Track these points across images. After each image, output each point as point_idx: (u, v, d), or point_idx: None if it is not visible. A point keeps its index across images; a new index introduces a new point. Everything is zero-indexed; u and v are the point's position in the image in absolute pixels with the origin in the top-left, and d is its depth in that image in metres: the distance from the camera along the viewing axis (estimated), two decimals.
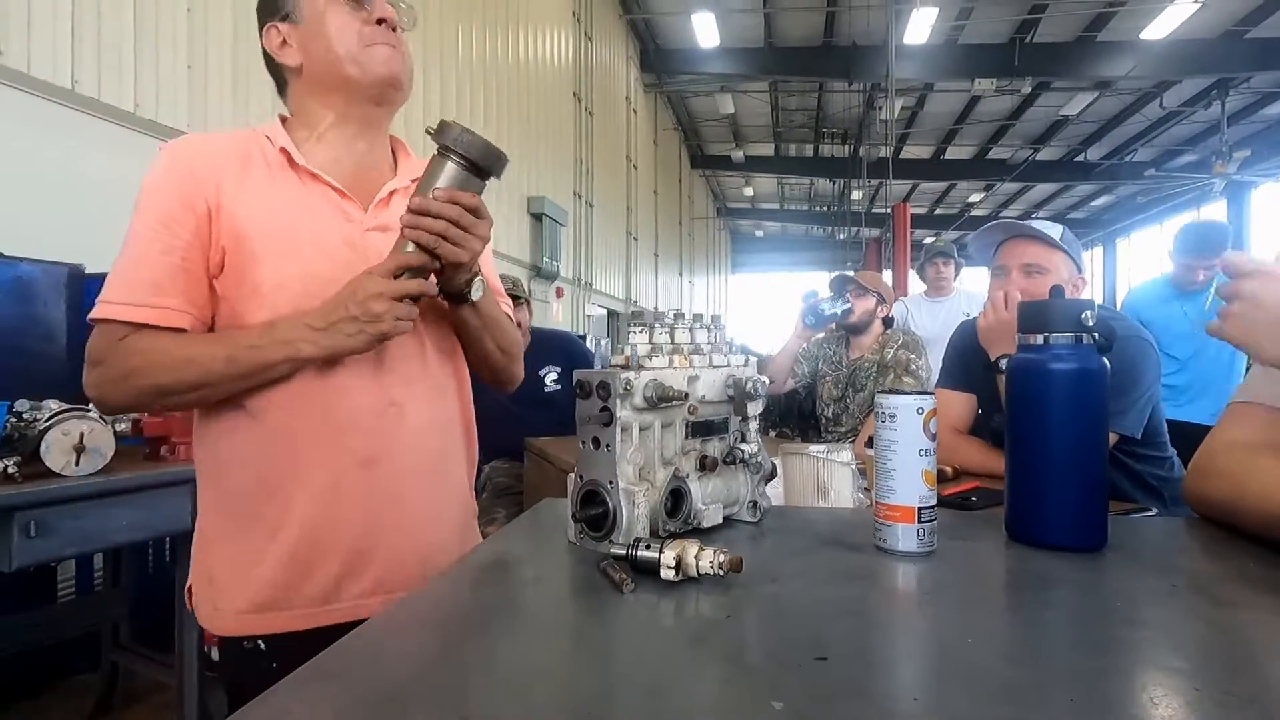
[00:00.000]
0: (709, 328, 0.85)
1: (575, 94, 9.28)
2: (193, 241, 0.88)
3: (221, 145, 0.93)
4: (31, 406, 1.70)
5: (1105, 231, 20.55)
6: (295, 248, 0.90)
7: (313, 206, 0.93)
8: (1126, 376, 1.40)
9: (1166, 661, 0.50)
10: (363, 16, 0.95)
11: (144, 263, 0.87)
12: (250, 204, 0.90)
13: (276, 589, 0.90)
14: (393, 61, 0.96)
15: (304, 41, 0.96)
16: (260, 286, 0.88)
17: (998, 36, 11.11)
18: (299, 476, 0.90)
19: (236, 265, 0.88)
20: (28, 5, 2.59)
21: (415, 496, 0.96)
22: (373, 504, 0.92)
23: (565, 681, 0.49)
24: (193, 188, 0.88)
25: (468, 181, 0.88)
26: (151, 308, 0.85)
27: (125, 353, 0.85)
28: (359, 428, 0.91)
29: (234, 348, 0.85)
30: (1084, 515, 0.74)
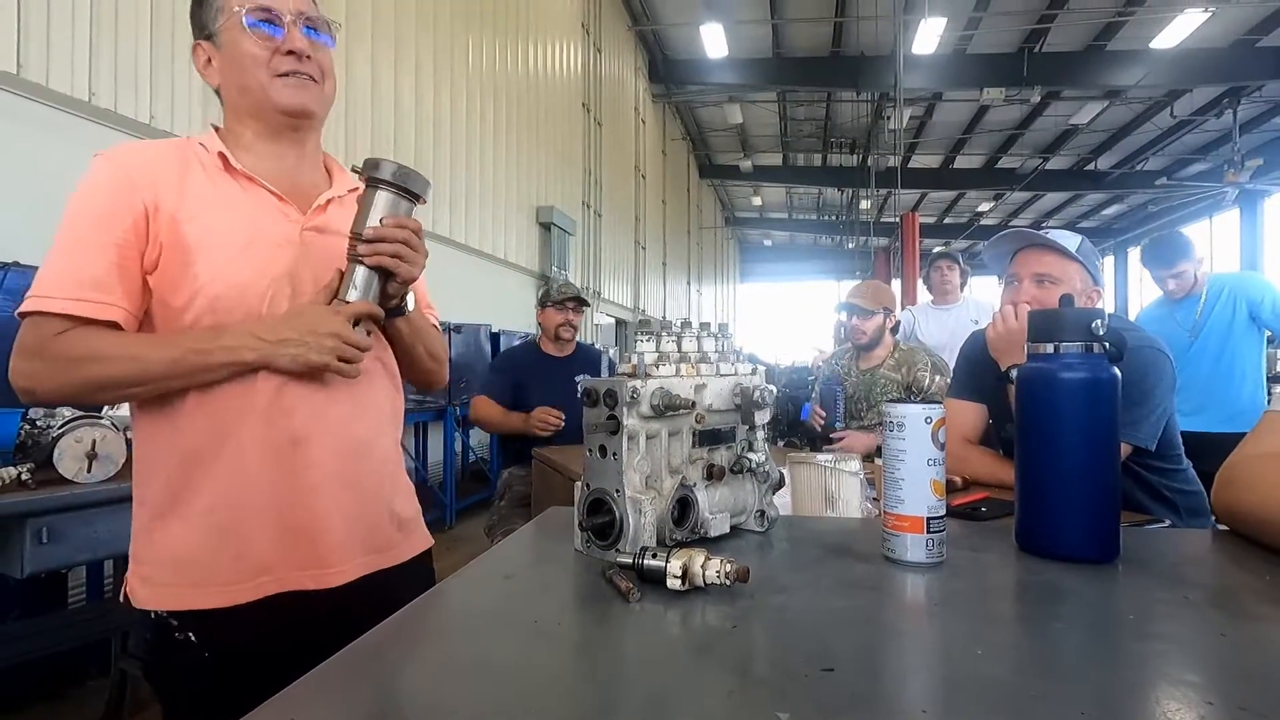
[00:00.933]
0: (716, 336, 0.85)
1: (584, 104, 9.34)
2: (130, 240, 0.89)
3: (158, 150, 0.97)
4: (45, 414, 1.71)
5: (1116, 240, 20.42)
6: (235, 244, 0.92)
7: (251, 207, 0.96)
8: (1140, 387, 1.38)
9: (1180, 675, 0.49)
10: (273, 46, 0.97)
11: (83, 259, 0.88)
12: (189, 204, 0.92)
13: (200, 565, 0.91)
14: (300, 93, 0.98)
15: (221, 65, 1.00)
16: (198, 280, 0.90)
17: (1006, 46, 11.11)
18: (227, 454, 0.92)
19: (174, 261, 0.90)
20: (47, 20, 2.64)
21: (343, 479, 0.98)
22: (297, 482, 0.94)
23: (571, 691, 0.48)
24: (129, 190, 0.91)
25: (398, 206, 0.95)
26: (91, 302, 0.87)
27: (65, 346, 0.86)
28: (286, 410, 0.93)
29: (180, 350, 0.88)
30: (1096, 526, 0.74)
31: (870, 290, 2.63)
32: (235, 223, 0.94)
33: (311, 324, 0.90)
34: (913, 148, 15.85)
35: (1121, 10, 9.86)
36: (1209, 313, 2.95)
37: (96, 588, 2.54)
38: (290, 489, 0.93)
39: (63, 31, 2.69)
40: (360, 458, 1.00)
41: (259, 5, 0.97)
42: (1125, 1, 9.72)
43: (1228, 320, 2.93)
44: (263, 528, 0.92)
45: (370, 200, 0.94)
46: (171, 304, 0.91)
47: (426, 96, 5.41)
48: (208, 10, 1.00)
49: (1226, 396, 2.93)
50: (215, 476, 0.92)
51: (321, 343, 0.89)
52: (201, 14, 1.01)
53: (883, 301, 2.59)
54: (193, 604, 0.90)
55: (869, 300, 2.57)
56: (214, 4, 0.99)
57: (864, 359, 2.64)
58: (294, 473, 0.93)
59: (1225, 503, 0.84)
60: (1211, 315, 2.95)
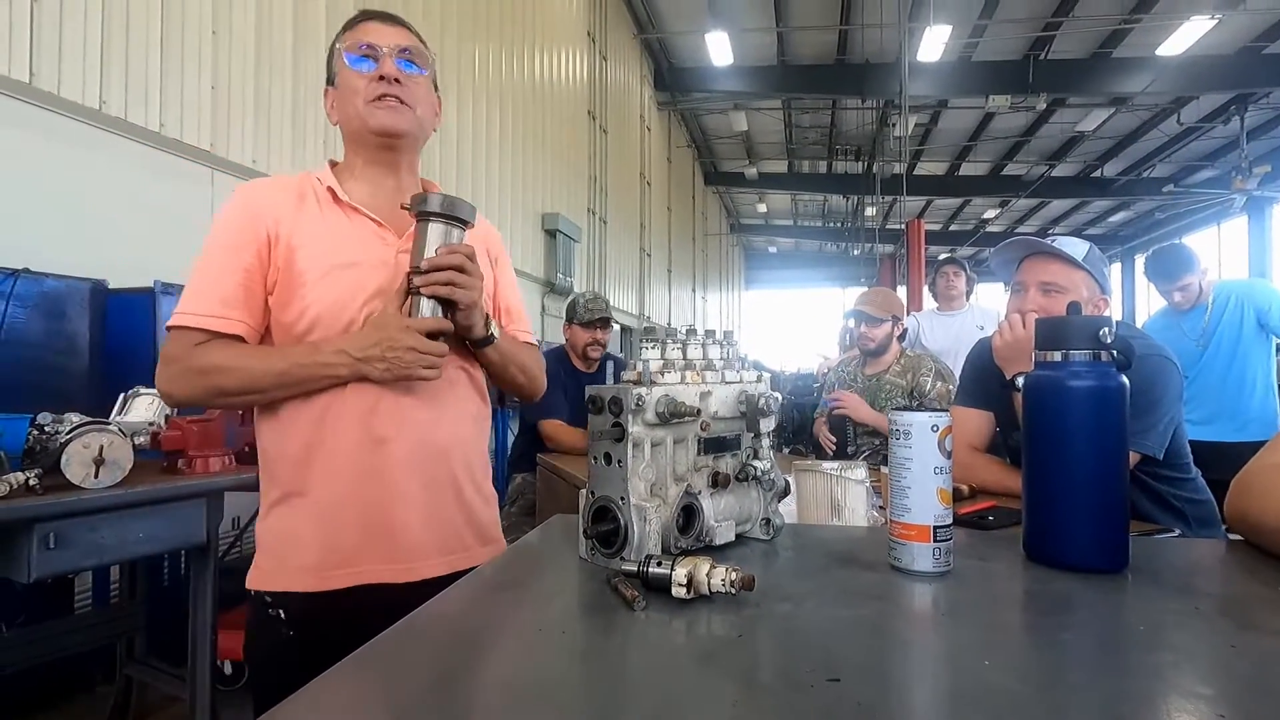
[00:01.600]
0: (722, 343, 0.85)
1: (590, 112, 9.37)
2: (254, 265, 1.04)
3: (282, 186, 1.12)
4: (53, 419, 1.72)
5: (1123, 248, 20.35)
6: (336, 268, 1.05)
7: (354, 233, 1.09)
8: (1147, 395, 1.37)
9: (1190, 687, 0.49)
10: (370, 76, 1.10)
11: (215, 282, 1.03)
12: (301, 233, 1.06)
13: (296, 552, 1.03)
14: (390, 116, 1.10)
15: (336, 102, 1.15)
16: (305, 299, 1.04)
17: (1012, 53, 11.11)
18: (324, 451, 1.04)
19: (287, 284, 1.04)
20: (59, 30, 2.67)
21: (421, 479, 1.08)
22: (381, 479, 1.04)
23: (574, 700, 0.48)
24: (256, 220, 1.05)
25: (449, 235, 1.05)
26: (217, 318, 1.02)
27: (197, 356, 1.01)
28: (374, 411, 1.05)
29: (285, 364, 1.01)
30: (1104, 535, 0.73)
31: (880, 298, 2.63)
32: (338, 249, 1.07)
33: (390, 339, 1.01)
34: (918, 154, 15.86)
35: (1127, 18, 9.86)
36: (1217, 321, 2.93)
37: (102, 593, 2.54)
38: (375, 485, 1.04)
39: (74, 41, 2.72)
40: (439, 461, 1.09)
41: (360, 42, 1.11)
42: (1131, 9, 9.71)
43: (1236, 329, 2.91)
44: (351, 521, 1.03)
45: (423, 233, 1.03)
46: (283, 320, 1.05)
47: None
48: (331, 59, 1.15)
49: (1237, 406, 2.90)
50: (313, 472, 1.04)
51: (401, 356, 1.01)
52: (329, 64, 1.16)
53: (892, 309, 2.59)
54: (285, 585, 1.03)
55: (878, 308, 2.57)
56: (334, 52, 1.14)
57: (870, 364, 2.64)
58: (378, 470, 1.04)
59: (1239, 511, 0.83)
60: (1220, 324, 2.93)
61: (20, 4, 2.53)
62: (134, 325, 2.56)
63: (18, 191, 2.57)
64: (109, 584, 2.55)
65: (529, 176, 7.43)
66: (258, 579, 1.06)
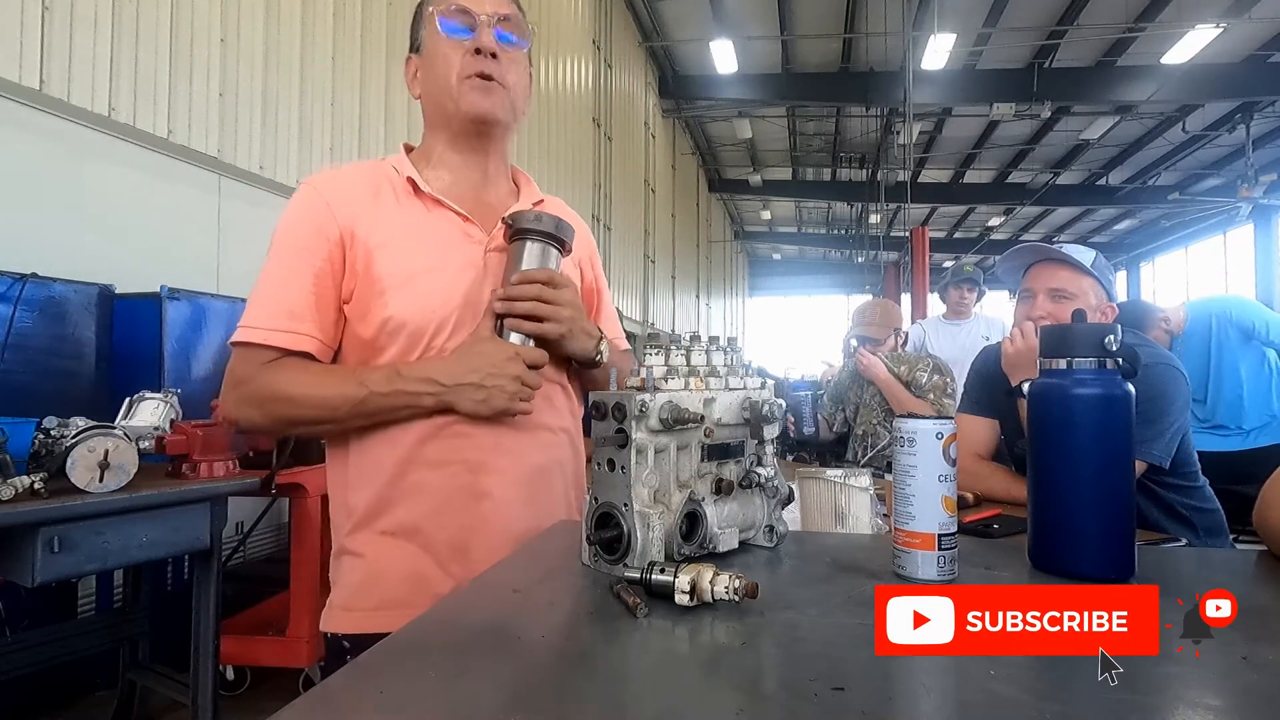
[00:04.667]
0: (725, 350, 0.85)
1: (595, 120, 9.41)
2: (326, 269, 0.93)
3: (353, 177, 0.99)
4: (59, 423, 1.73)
5: (1129, 255, 20.29)
6: (420, 272, 0.94)
7: (437, 230, 0.97)
8: (1154, 404, 1.37)
9: (1199, 699, 0.48)
10: (465, 46, 0.97)
11: (282, 291, 0.92)
12: (380, 231, 0.94)
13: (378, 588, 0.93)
14: (485, 98, 0.97)
15: (422, 73, 1.01)
16: (386, 309, 0.92)
17: (1016, 61, 11.12)
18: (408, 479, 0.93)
19: (366, 291, 0.93)
20: (70, 37, 2.69)
21: (517, 505, 0.97)
22: (475, 509, 0.94)
23: (577, 707, 0.48)
24: (328, 219, 0.93)
25: (546, 254, 0.95)
26: (285, 332, 0.91)
27: (265, 379, 0.90)
28: (464, 434, 0.94)
29: (363, 393, 0.89)
30: (1110, 544, 0.73)
31: (880, 315, 2.62)
32: (421, 249, 0.95)
33: (493, 366, 0.90)
34: (922, 162, 15.86)
35: (1132, 26, 9.86)
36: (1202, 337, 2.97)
37: (106, 598, 2.55)
38: (468, 515, 0.94)
39: (84, 48, 2.75)
40: (537, 486, 0.99)
41: (455, 7, 0.97)
42: (1136, 17, 9.72)
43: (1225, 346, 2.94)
44: (441, 553, 0.93)
45: (517, 253, 0.94)
46: (361, 335, 0.93)
47: None
48: (417, 23, 1.02)
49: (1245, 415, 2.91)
50: (396, 502, 0.93)
51: (504, 386, 0.90)
52: (415, 28, 1.03)
53: (892, 324, 2.59)
54: (366, 627, 0.90)
55: (879, 328, 2.56)
56: (421, 15, 1.01)
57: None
58: (472, 499, 0.94)
59: (1261, 520, 0.82)
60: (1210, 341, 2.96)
61: (31, 11, 2.56)
62: (141, 330, 2.57)
63: (26, 196, 2.59)
64: (113, 588, 2.56)
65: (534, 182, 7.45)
66: (331, 620, 0.95)
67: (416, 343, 0.93)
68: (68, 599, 2.45)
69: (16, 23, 2.51)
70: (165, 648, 2.35)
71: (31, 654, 2.14)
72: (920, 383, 2.48)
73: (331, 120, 4.03)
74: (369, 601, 0.93)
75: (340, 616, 0.94)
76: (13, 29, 2.50)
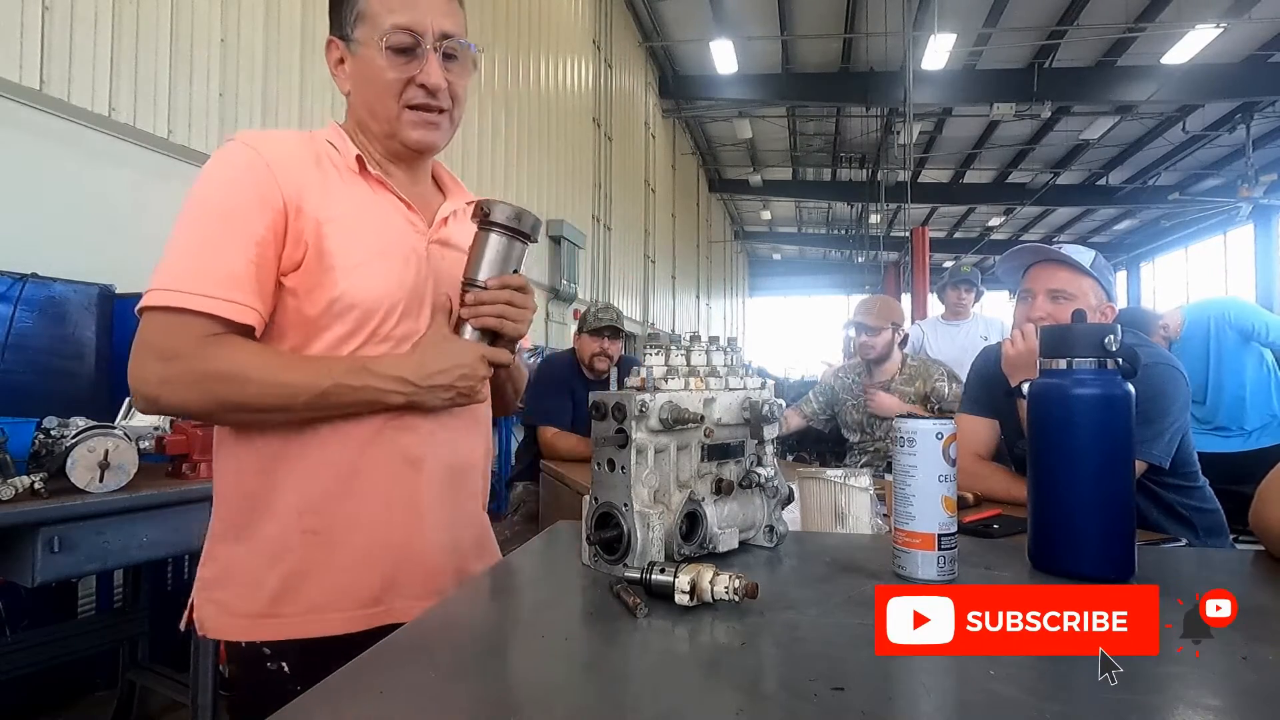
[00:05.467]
0: (725, 350, 0.85)
1: (595, 120, 9.41)
2: (268, 238, 0.83)
3: (293, 144, 0.90)
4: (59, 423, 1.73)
5: (1129, 255, 20.29)
6: (369, 253, 0.88)
7: (385, 214, 0.92)
8: (1154, 404, 1.37)
9: (1199, 699, 0.48)
10: (410, 71, 0.90)
11: (220, 254, 0.81)
12: (332, 207, 0.87)
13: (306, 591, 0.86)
14: (429, 133, 0.93)
15: (352, 74, 0.93)
16: (336, 287, 0.85)
17: (1016, 61, 11.12)
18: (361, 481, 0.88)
19: (314, 267, 0.85)
20: (70, 37, 2.69)
21: (446, 501, 0.95)
22: (411, 505, 0.90)
23: (577, 707, 0.48)
24: (270, 183, 0.84)
25: (512, 248, 0.92)
26: (229, 302, 0.80)
27: (210, 356, 0.79)
28: (405, 427, 0.90)
29: (329, 382, 0.82)
30: (1110, 544, 0.73)
31: (877, 306, 2.63)
32: (369, 230, 0.90)
33: (465, 368, 0.88)
34: (922, 162, 15.86)
35: (1132, 26, 9.86)
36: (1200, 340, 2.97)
37: (106, 598, 2.55)
38: (404, 511, 0.90)
39: (84, 48, 2.75)
40: (461, 481, 0.97)
41: (400, 24, 0.88)
42: (1136, 17, 9.72)
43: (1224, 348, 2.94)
44: (380, 555, 0.88)
45: (481, 244, 0.91)
46: (306, 311, 0.86)
47: None
48: (347, 8, 0.92)
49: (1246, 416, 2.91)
50: (345, 504, 0.87)
51: (475, 388, 0.89)
52: (341, 10, 0.93)
53: (891, 317, 2.59)
54: (293, 633, 0.84)
55: (876, 317, 2.56)
56: (355, 6, 0.91)
57: (875, 374, 2.63)
58: (411, 497, 0.90)
59: (1257, 518, 0.82)
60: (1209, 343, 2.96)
61: (31, 11, 2.56)
62: None
63: (27, 196, 2.59)
64: (112, 588, 2.56)
65: (534, 183, 7.46)
66: (236, 626, 0.85)
67: (363, 326, 0.87)
68: (68, 599, 2.45)
69: (16, 23, 2.51)
70: (165, 648, 2.35)
71: (31, 654, 2.14)
72: (943, 394, 2.47)
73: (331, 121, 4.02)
74: (296, 606, 0.85)
75: (263, 624, 0.85)
76: (13, 29, 2.50)
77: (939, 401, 2.46)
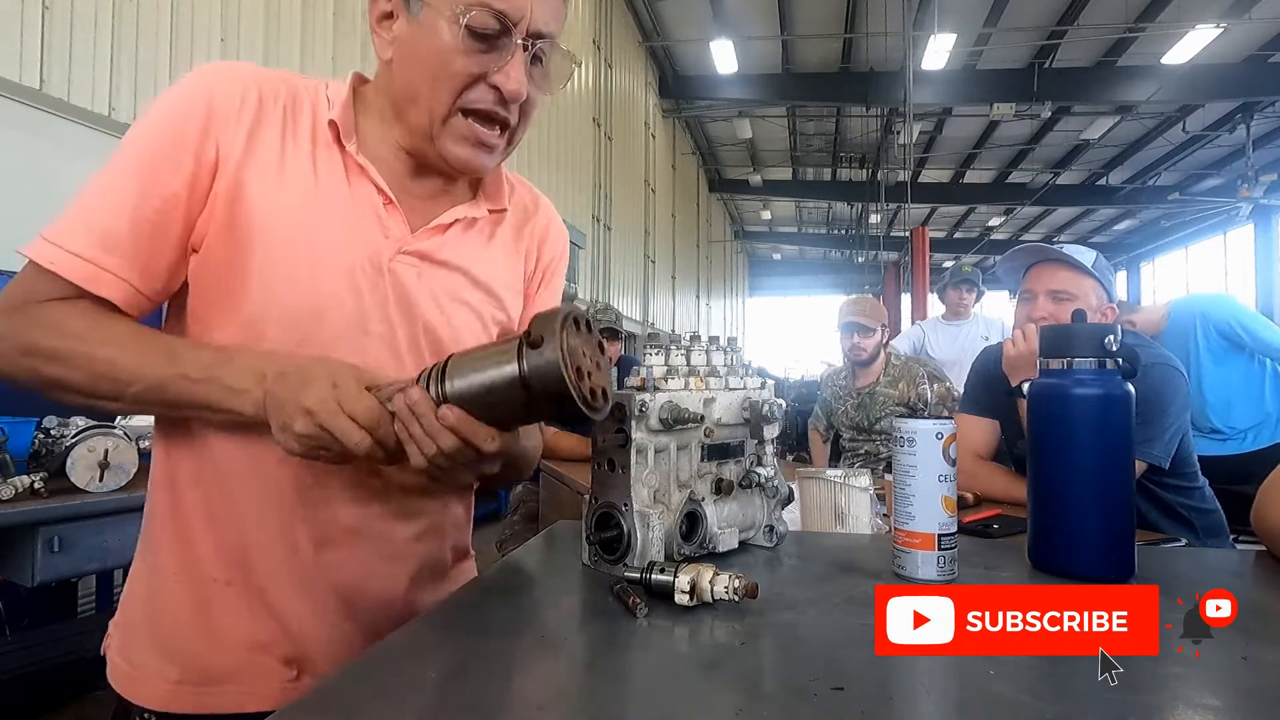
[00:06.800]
0: (725, 350, 0.85)
1: (595, 119, 9.41)
2: (180, 194, 0.67)
3: (267, 85, 0.71)
4: (59, 423, 1.73)
5: (1129, 255, 20.30)
6: (306, 250, 0.69)
7: (345, 206, 0.72)
8: (1154, 404, 1.37)
9: (1199, 699, 0.48)
10: (485, 65, 0.69)
11: (107, 204, 0.66)
12: (271, 175, 0.69)
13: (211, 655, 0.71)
14: (476, 157, 0.73)
15: (404, 41, 0.71)
16: (247, 283, 0.68)
17: (1016, 61, 11.13)
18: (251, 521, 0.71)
19: (226, 246, 0.68)
20: (70, 37, 2.69)
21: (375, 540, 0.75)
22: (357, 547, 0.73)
23: (577, 707, 0.48)
24: (203, 129, 0.67)
25: (511, 390, 0.60)
26: (87, 263, 0.64)
27: (38, 321, 0.65)
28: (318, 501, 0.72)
29: (168, 373, 0.64)
30: (1109, 545, 0.73)
31: (870, 307, 2.64)
32: (313, 223, 0.69)
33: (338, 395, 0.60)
34: (922, 162, 15.87)
35: (1132, 26, 9.87)
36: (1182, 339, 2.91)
37: (106, 597, 2.55)
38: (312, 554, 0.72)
39: (84, 48, 2.75)
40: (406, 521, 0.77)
41: (493, 3, 0.67)
42: (1136, 18, 9.73)
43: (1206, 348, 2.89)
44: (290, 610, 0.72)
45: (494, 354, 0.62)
46: (207, 298, 0.70)
47: None
48: None
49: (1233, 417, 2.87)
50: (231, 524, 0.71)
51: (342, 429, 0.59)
52: None
53: (881, 318, 2.60)
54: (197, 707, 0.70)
55: (871, 318, 2.57)
56: None
57: (860, 376, 2.64)
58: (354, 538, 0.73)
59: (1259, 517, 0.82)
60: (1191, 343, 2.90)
61: (31, 11, 2.56)
62: None
63: (26, 195, 2.59)
64: (112, 588, 2.56)
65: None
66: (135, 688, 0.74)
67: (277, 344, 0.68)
68: (68, 599, 2.45)
69: (16, 23, 2.52)
70: None
71: (31, 654, 2.14)
72: (926, 398, 2.49)
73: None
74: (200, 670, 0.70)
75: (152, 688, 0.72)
76: (13, 29, 2.50)
77: (925, 406, 2.47)
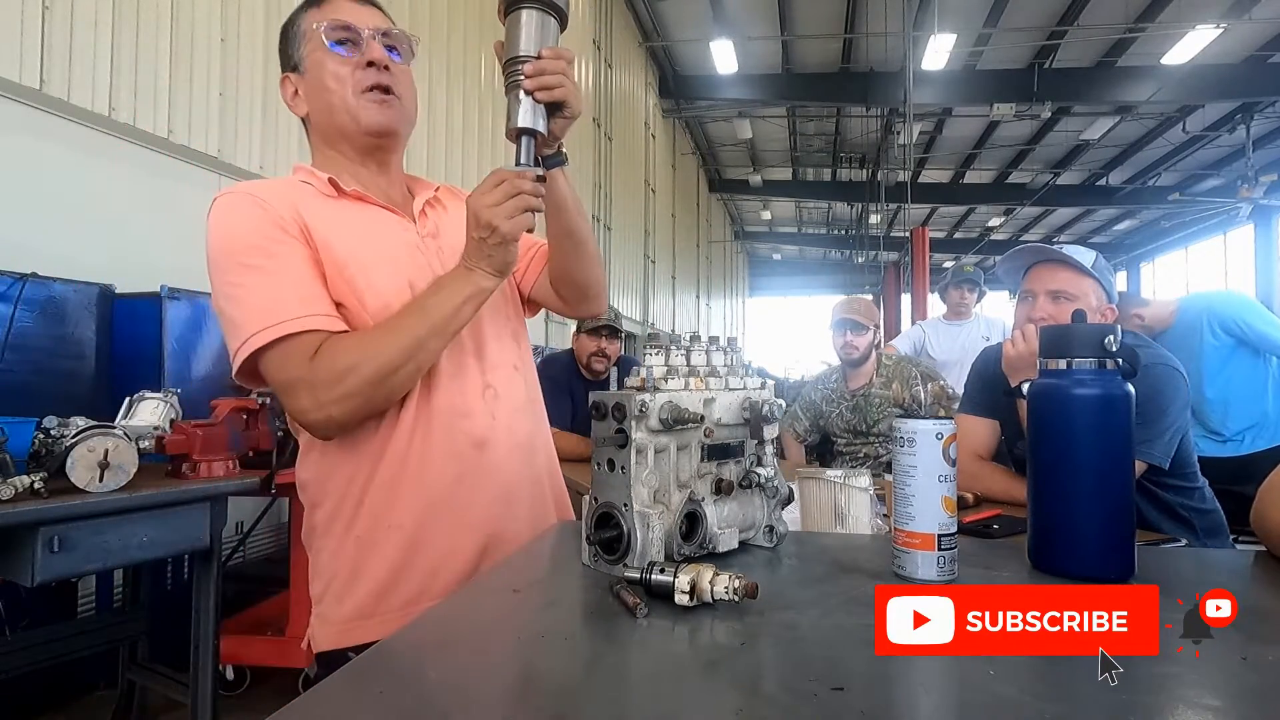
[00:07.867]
0: (725, 350, 0.85)
1: (595, 119, 9.41)
2: (307, 254, 0.89)
3: (272, 185, 0.96)
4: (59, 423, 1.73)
5: (1129, 255, 20.31)
6: (374, 258, 0.93)
7: (376, 223, 0.98)
8: (1154, 404, 1.37)
9: (1198, 699, 0.48)
10: (354, 62, 0.96)
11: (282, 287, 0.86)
12: (325, 227, 0.92)
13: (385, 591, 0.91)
14: (384, 112, 0.97)
15: (308, 92, 1.00)
16: (357, 293, 0.91)
17: (1016, 62, 11.13)
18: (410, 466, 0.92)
19: (334, 277, 0.91)
20: (69, 37, 2.69)
21: (518, 479, 0.99)
22: (490, 487, 0.95)
23: (576, 707, 0.48)
24: (276, 217, 0.89)
25: (546, 23, 0.88)
26: (317, 315, 0.86)
27: (329, 358, 0.84)
28: (468, 412, 0.95)
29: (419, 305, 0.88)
30: (1109, 545, 0.73)
31: (863, 306, 2.65)
32: (366, 239, 0.95)
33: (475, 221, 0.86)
34: (922, 162, 15.87)
35: (1132, 26, 9.87)
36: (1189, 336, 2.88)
37: (106, 597, 2.55)
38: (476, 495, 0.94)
39: (84, 48, 2.75)
40: (530, 457, 1.01)
41: (338, 24, 0.96)
42: (1136, 18, 9.73)
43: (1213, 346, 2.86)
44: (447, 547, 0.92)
45: (515, 24, 0.87)
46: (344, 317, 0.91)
47: (439, 108, 5.47)
48: (292, 42, 1.00)
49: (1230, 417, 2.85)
50: (397, 491, 0.91)
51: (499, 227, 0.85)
52: (287, 47, 1.01)
53: (874, 318, 2.60)
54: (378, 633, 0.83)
55: (865, 316, 2.57)
56: (297, 33, 1.00)
57: (852, 378, 2.64)
58: (479, 478, 0.94)
59: (1259, 517, 0.82)
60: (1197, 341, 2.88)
61: (31, 11, 2.56)
62: (141, 330, 2.57)
63: (27, 196, 2.59)
64: (112, 588, 2.56)
65: None
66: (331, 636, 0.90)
67: None
68: (68, 599, 2.45)
69: (16, 23, 2.51)
70: (165, 648, 2.35)
71: (31, 654, 2.14)
72: (920, 399, 2.49)
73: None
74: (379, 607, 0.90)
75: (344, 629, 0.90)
76: (13, 29, 2.50)
77: (920, 406, 2.47)
